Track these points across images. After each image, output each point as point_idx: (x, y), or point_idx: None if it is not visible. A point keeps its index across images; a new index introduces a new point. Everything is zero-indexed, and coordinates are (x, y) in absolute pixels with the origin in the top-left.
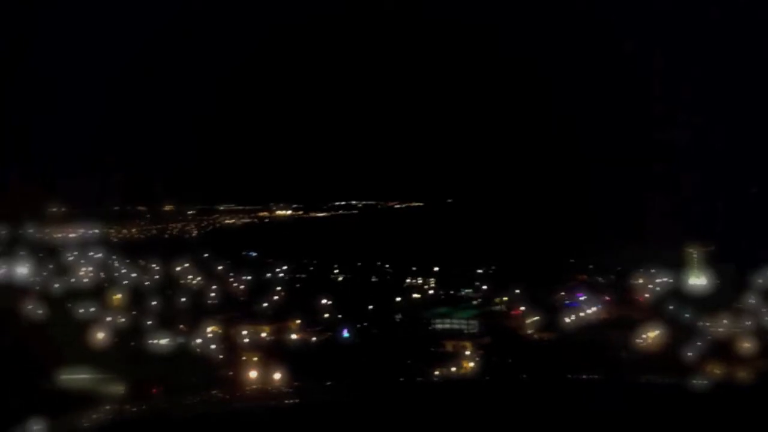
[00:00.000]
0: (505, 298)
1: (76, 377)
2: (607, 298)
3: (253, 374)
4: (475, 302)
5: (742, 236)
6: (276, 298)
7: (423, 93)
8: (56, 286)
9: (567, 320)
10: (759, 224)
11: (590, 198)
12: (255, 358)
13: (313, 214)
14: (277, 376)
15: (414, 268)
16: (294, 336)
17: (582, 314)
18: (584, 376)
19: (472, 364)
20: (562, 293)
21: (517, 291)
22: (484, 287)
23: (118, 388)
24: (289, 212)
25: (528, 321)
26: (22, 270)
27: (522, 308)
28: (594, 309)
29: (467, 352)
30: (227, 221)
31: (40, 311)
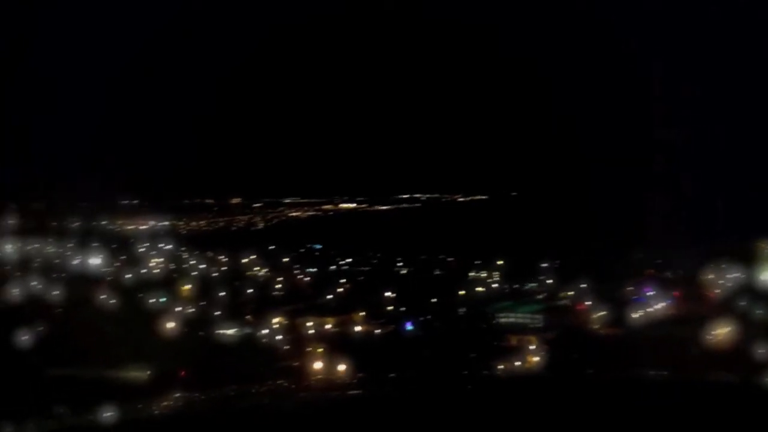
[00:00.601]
0: (571, 293)
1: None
2: (676, 293)
3: (317, 365)
4: (539, 296)
5: None
6: (340, 290)
7: (470, 86)
8: (128, 276)
9: (634, 316)
10: None
11: (658, 192)
12: (319, 350)
13: (377, 208)
14: (341, 367)
15: (478, 262)
16: (358, 328)
17: (650, 310)
18: (651, 373)
19: (536, 359)
20: (630, 288)
21: (583, 285)
22: (549, 281)
23: (142, 375)
24: (354, 205)
25: (594, 316)
26: (95, 261)
27: (588, 303)
28: (662, 304)
29: (532, 347)
30: (293, 214)
31: (113, 301)
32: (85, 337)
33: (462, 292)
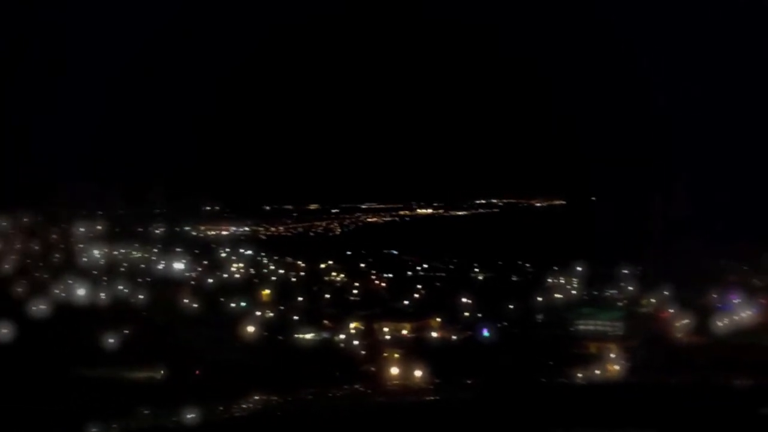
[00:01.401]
0: (653, 300)
1: None
2: (764, 301)
3: (394, 370)
4: (620, 303)
5: None
6: (417, 296)
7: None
8: (210, 281)
9: (719, 324)
10: None
11: (744, 197)
12: (396, 355)
13: (453, 213)
14: (417, 372)
15: (556, 268)
16: (434, 334)
17: (736, 318)
18: (736, 382)
19: (616, 367)
20: (715, 295)
21: (666, 292)
22: (630, 288)
23: (155, 374)
24: (430, 211)
25: (677, 324)
26: (179, 265)
27: (671, 310)
28: (749, 312)
29: (612, 355)
30: (369, 220)
31: (196, 305)
32: (167, 339)
33: (540, 299)
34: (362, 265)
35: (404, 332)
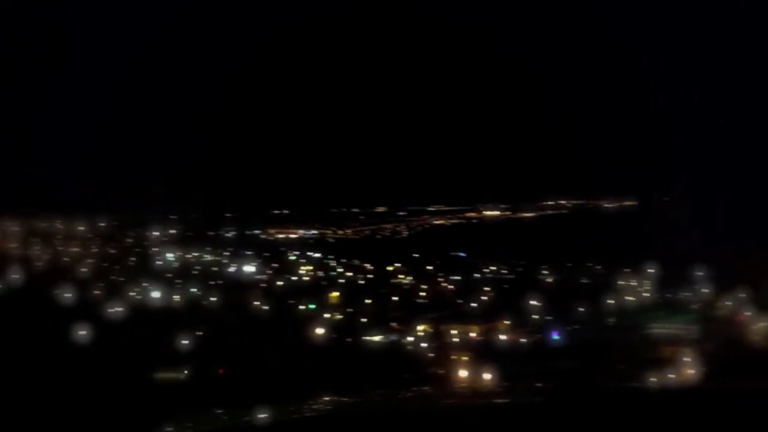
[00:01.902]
0: (728, 303)
1: None
2: None
3: (462, 373)
4: (694, 306)
5: None
6: (484, 298)
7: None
8: (279, 283)
9: None
10: None
11: None
12: (464, 358)
13: (521, 214)
14: (486, 375)
15: (627, 270)
16: (503, 337)
17: None
18: None
19: (691, 371)
20: None
21: (742, 295)
22: (705, 290)
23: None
24: (498, 212)
25: (754, 327)
26: (249, 268)
27: (747, 314)
28: None
29: (686, 359)
30: (437, 222)
31: (266, 307)
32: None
33: (611, 301)
34: (429, 267)
35: (472, 335)
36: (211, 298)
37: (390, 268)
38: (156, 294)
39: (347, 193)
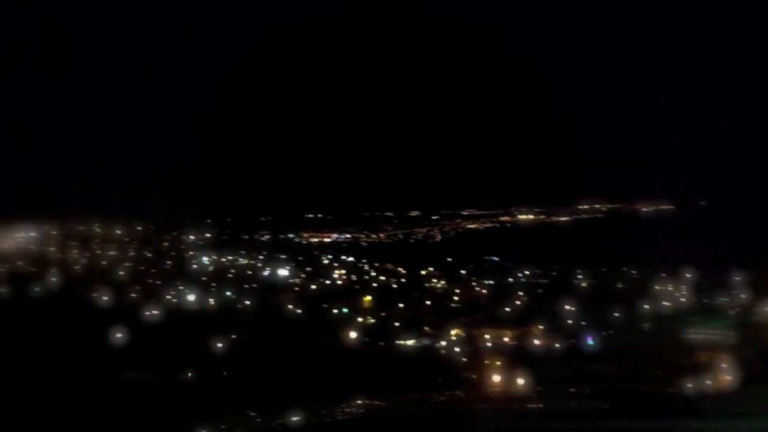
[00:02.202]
0: (766, 308)
1: None
2: None
3: (496, 377)
4: (731, 311)
5: None
6: (518, 303)
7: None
8: (313, 287)
9: None
10: None
11: None
12: (498, 362)
13: (555, 218)
14: (520, 380)
15: (663, 274)
16: (537, 341)
17: None
18: None
19: (728, 377)
20: None
21: None
22: (743, 295)
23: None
24: (531, 216)
25: None
26: (283, 272)
27: None
28: None
29: (722, 365)
30: (470, 226)
31: (299, 311)
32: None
33: (646, 306)
34: (463, 271)
35: (506, 339)
36: (246, 302)
37: (423, 272)
38: (192, 297)
39: (381, 197)
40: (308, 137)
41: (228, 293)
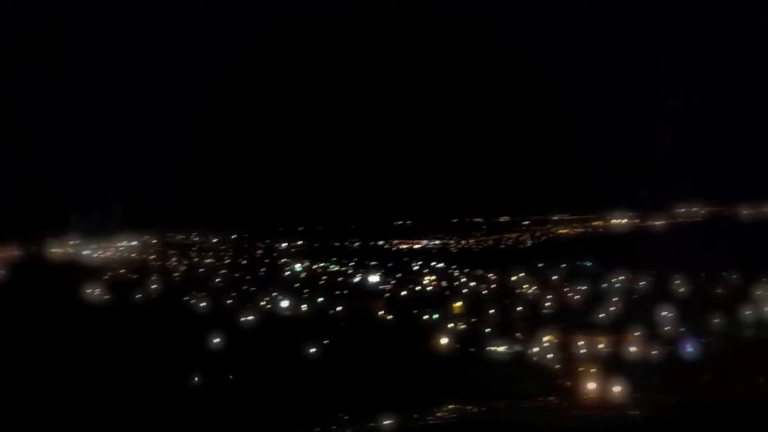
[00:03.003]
0: None
1: None
2: None
3: (590, 385)
4: None
5: None
6: (613, 308)
7: None
8: (403, 293)
9: None
10: None
11: None
12: (592, 369)
13: (651, 222)
14: (615, 387)
15: (765, 279)
16: (632, 348)
17: None
18: None
19: None
20: None
21: None
22: None
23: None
24: (625, 221)
25: None
26: (374, 278)
27: None
28: None
29: None
30: (561, 231)
31: (390, 317)
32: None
33: (747, 312)
34: (555, 277)
35: (600, 346)
36: (337, 307)
37: (514, 278)
38: (285, 303)
39: (470, 203)
40: (394, 144)
41: (320, 299)
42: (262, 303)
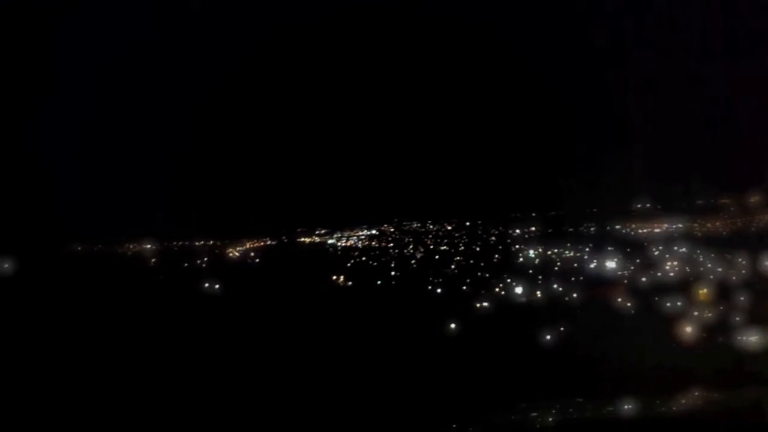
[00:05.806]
0: None
1: None
2: None
3: None
4: None
5: None
6: None
7: None
8: (643, 280)
9: None
10: None
11: None
12: None
13: None
14: None
15: None
16: None
17: None
18: None
19: None
20: None
21: None
22: None
23: None
24: None
25: None
26: (611, 264)
27: None
28: None
29: None
30: None
31: (629, 304)
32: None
33: None
34: None
35: None
36: (573, 295)
37: (766, 262)
38: (518, 290)
39: (716, 183)
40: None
41: (554, 286)
42: (495, 290)
